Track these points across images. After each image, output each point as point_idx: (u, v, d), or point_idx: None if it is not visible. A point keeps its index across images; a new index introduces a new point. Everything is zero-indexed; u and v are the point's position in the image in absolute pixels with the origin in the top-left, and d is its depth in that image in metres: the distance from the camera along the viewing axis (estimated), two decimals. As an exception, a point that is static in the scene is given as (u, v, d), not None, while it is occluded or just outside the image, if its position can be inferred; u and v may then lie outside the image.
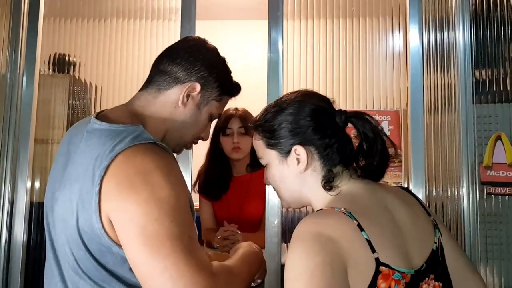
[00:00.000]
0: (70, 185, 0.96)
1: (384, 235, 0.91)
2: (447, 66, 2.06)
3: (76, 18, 2.29)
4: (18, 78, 2.19)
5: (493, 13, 1.99)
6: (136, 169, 0.91)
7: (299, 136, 1.00)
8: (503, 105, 1.94)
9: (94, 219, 0.91)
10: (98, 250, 0.93)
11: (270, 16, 2.14)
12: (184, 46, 1.14)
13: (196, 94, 1.10)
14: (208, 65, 1.12)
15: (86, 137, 1.01)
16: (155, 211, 0.87)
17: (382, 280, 0.85)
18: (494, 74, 1.96)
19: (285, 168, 1.03)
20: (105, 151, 0.93)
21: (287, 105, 1.03)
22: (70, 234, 0.95)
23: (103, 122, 1.01)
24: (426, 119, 2.03)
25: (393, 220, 0.95)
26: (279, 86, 2.08)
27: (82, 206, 0.92)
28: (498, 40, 1.97)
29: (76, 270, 0.95)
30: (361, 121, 1.00)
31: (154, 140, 0.97)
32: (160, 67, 1.11)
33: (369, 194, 0.99)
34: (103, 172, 0.91)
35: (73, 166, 0.99)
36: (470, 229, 1.92)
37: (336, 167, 1.00)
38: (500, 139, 1.91)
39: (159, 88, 1.10)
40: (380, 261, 0.86)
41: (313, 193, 1.01)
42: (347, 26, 2.17)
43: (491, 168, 1.92)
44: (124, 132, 0.97)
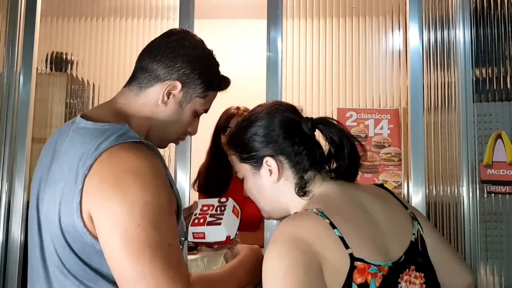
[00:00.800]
0: (54, 185, 0.96)
1: (359, 231, 0.93)
2: (447, 65, 2.06)
3: (74, 17, 2.28)
4: (15, 77, 2.17)
5: (493, 11, 1.98)
6: (122, 167, 0.90)
7: (268, 148, 1.04)
8: (503, 104, 1.93)
9: (75, 218, 0.90)
10: (81, 249, 0.92)
11: (269, 15, 2.13)
12: (166, 41, 1.11)
13: (177, 92, 1.08)
14: (190, 61, 1.09)
15: (70, 136, 1.00)
16: (139, 215, 0.86)
17: (358, 275, 0.88)
18: (494, 72, 1.96)
19: (259, 180, 1.06)
20: (90, 150, 0.92)
21: (255, 119, 1.07)
22: (54, 234, 0.94)
23: (88, 121, 1.00)
24: (426, 118, 2.03)
25: (368, 216, 0.98)
26: (278, 85, 2.07)
27: (64, 205, 0.92)
28: (498, 39, 1.97)
29: (62, 270, 0.94)
30: (326, 127, 1.03)
31: (139, 138, 0.96)
32: (142, 63, 1.09)
33: (341, 194, 1.02)
34: (86, 171, 0.90)
35: (57, 165, 0.98)
36: (470, 228, 1.91)
37: (307, 173, 1.03)
38: (501, 138, 1.91)
39: (140, 86, 1.08)
40: (354, 256, 0.88)
41: (289, 201, 1.04)
42: (347, 25, 2.16)
43: (491, 167, 1.91)
44: (109, 130, 0.96)
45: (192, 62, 1.09)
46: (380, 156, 2.02)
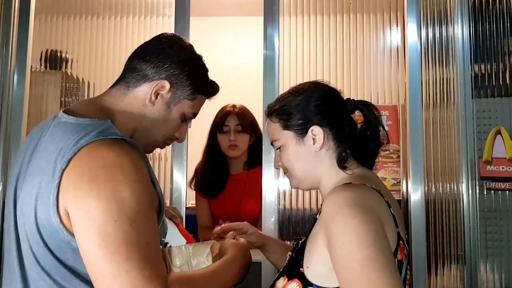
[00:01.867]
0: (32, 179, 0.93)
1: (399, 216, 1.01)
2: (446, 61, 2.05)
3: (68, 15, 2.26)
4: (9, 75, 2.15)
5: (492, 7, 1.97)
6: (100, 163, 0.88)
7: (314, 118, 1.08)
8: (502, 99, 1.92)
9: (51, 213, 0.87)
10: (57, 246, 0.89)
11: (265, 12, 2.12)
12: (156, 44, 1.11)
13: (165, 93, 1.07)
14: (179, 62, 1.08)
15: (51, 131, 0.97)
16: (115, 212, 0.84)
17: (399, 252, 0.95)
18: (493, 68, 1.94)
19: (301, 147, 1.09)
20: (69, 145, 0.90)
21: (302, 91, 1.12)
22: (30, 230, 0.92)
23: (70, 116, 0.97)
24: (424, 114, 2.02)
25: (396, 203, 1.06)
26: (275, 83, 2.07)
27: (40, 200, 0.89)
28: (496, 34, 1.95)
29: (36, 268, 0.91)
30: (367, 109, 1.11)
31: (121, 135, 0.94)
32: (131, 64, 1.09)
33: (379, 179, 1.11)
34: (64, 165, 0.88)
35: (35, 160, 0.96)
36: (470, 225, 1.90)
37: (347, 150, 1.09)
38: (500, 134, 1.89)
39: (128, 85, 1.06)
40: (400, 235, 0.97)
41: (324, 171, 1.09)
42: (344, 22, 2.15)
43: (491, 163, 1.90)
44: (90, 126, 0.94)
45: (181, 63, 1.09)
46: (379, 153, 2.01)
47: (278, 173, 2.01)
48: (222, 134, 2.19)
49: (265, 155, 2.01)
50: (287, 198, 2.04)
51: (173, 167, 2.05)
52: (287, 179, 1.98)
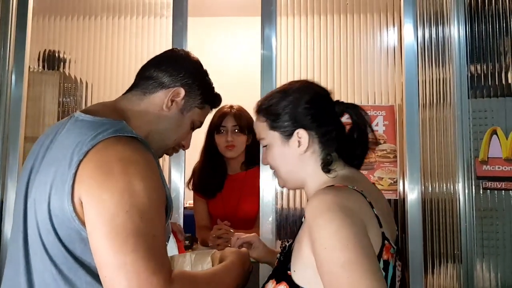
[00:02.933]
0: (47, 169, 0.96)
1: (384, 214, 1.01)
2: (442, 61, 2.06)
3: (66, 15, 2.26)
4: (7, 76, 2.15)
5: (488, 7, 1.98)
6: (116, 157, 0.91)
7: (301, 121, 1.08)
8: (498, 99, 1.93)
9: (65, 202, 0.90)
10: (67, 235, 0.92)
11: (263, 13, 2.12)
12: (170, 55, 1.21)
13: (180, 100, 1.14)
14: (192, 73, 1.17)
15: (68, 127, 1.01)
16: (127, 203, 0.87)
17: (385, 252, 0.95)
18: (489, 68, 1.96)
19: (286, 149, 1.10)
20: (86, 139, 0.93)
21: (292, 92, 1.11)
22: (41, 218, 0.94)
23: (87, 114, 1.02)
24: (421, 114, 2.03)
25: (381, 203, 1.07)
26: (273, 83, 2.07)
27: (55, 188, 0.92)
28: (492, 35, 1.96)
29: (43, 257, 0.93)
30: (356, 112, 1.11)
31: (136, 134, 0.99)
32: (145, 73, 1.15)
33: (363, 179, 1.10)
34: (82, 156, 0.91)
35: (51, 153, 0.99)
36: (466, 224, 1.91)
37: (333, 153, 1.08)
38: (496, 134, 1.90)
39: (145, 92, 1.13)
40: (385, 235, 0.96)
41: (309, 174, 1.09)
42: (341, 22, 2.16)
43: (487, 163, 1.91)
44: (107, 124, 0.98)
45: (193, 74, 1.17)
46: (376, 153, 2.02)
47: (276, 173, 2.02)
48: (219, 135, 2.19)
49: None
50: (285, 198, 2.05)
51: (171, 167, 2.05)
52: (284, 179, 2.02)
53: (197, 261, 1.20)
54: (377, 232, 0.95)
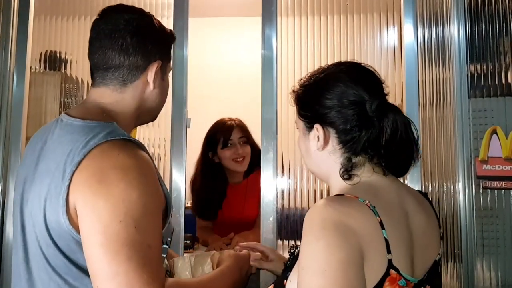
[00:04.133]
0: (40, 182, 0.94)
1: (400, 238, 0.88)
2: (442, 61, 2.06)
3: (67, 15, 2.26)
4: (9, 76, 2.16)
5: (488, 7, 1.98)
6: (110, 163, 0.89)
7: (321, 115, 0.97)
8: (498, 99, 1.94)
9: (60, 215, 0.89)
10: (67, 246, 0.91)
11: (263, 13, 2.13)
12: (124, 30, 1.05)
13: (158, 70, 1.10)
14: (155, 38, 1.09)
15: (58, 133, 0.99)
16: (122, 212, 0.85)
17: (388, 283, 0.83)
18: (489, 68, 1.96)
19: (306, 141, 1.01)
20: (78, 147, 0.91)
21: (319, 80, 1.00)
22: (39, 231, 0.93)
23: (76, 118, 0.99)
24: (421, 114, 2.03)
25: (408, 223, 0.92)
26: (273, 83, 2.07)
27: (49, 201, 0.91)
28: (492, 34, 1.97)
29: (46, 269, 0.92)
30: (393, 113, 0.94)
31: (128, 136, 0.96)
32: (113, 62, 1.05)
33: (392, 191, 0.95)
34: (74, 167, 0.89)
35: (44, 163, 0.97)
36: (466, 223, 1.91)
37: (357, 156, 0.95)
38: (496, 133, 1.91)
39: (125, 83, 1.06)
40: (392, 264, 0.84)
41: (331, 173, 0.98)
42: (341, 22, 2.16)
43: (487, 162, 1.92)
44: (97, 127, 0.95)
45: (155, 37, 1.10)
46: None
47: (277, 173, 2.02)
48: (225, 149, 2.17)
49: (264, 154, 2.02)
50: (285, 198, 2.05)
51: (172, 167, 2.06)
52: (286, 179, 2.03)
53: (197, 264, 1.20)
54: (380, 258, 0.83)
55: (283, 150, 2.05)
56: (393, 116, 0.94)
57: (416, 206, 0.96)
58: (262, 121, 2.04)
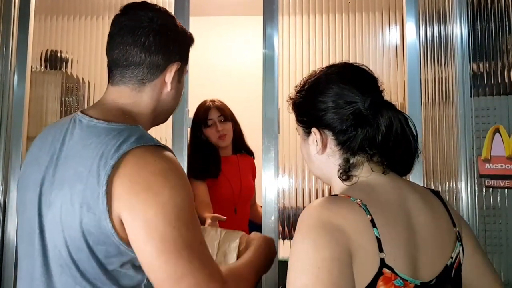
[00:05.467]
0: (70, 187, 0.92)
1: (396, 237, 0.86)
2: (444, 60, 2.06)
3: (68, 15, 2.26)
4: (10, 75, 2.16)
5: (490, 6, 1.98)
6: (150, 170, 0.90)
7: (317, 118, 0.97)
8: (500, 98, 1.94)
9: (103, 219, 0.89)
10: (105, 250, 0.91)
11: (265, 12, 2.12)
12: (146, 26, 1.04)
13: (176, 71, 1.08)
14: (176, 38, 1.08)
15: (80, 135, 0.97)
16: (173, 218, 0.88)
17: (382, 283, 0.82)
18: (491, 66, 1.96)
19: (307, 146, 1.01)
20: (110, 150, 0.91)
21: (313, 84, 1.00)
22: (71, 236, 0.92)
23: (100, 119, 0.98)
24: (423, 113, 2.03)
25: (410, 223, 0.90)
26: (275, 82, 2.07)
27: (87, 207, 0.90)
28: (495, 33, 1.97)
29: (73, 273, 0.92)
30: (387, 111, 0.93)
31: (159, 142, 0.96)
32: (134, 59, 1.03)
33: (391, 190, 0.93)
34: (109, 171, 0.89)
35: (67, 166, 0.94)
36: (469, 222, 1.91)
37: (355, 156, 0.94)
38: (498, 132, 1.91)
39: (143, 81, 1.05)
40: (385, 262, 0.83)
41: (332, 176, 0.97)
42: (343, 21, 2.16)
43: (489, 161, 1.91)
44: (125, 131, 0.95)
45: (177, 38, 1.09)
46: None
47: (278, 172, 2.02)
48: (208, 128, 2.28)
49: (265, 153, 2.02)
50: (287, 197, 2.05)
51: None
52: (287, 178, 2.03)
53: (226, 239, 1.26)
54: (371, 257, 0.82)
55: (284, 150, 2.05)
56: (387, 112, 0.93)
57: (421, 205, 0.94)
58: (264, 120, 2.04)
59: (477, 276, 0.98)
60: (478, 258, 1.00)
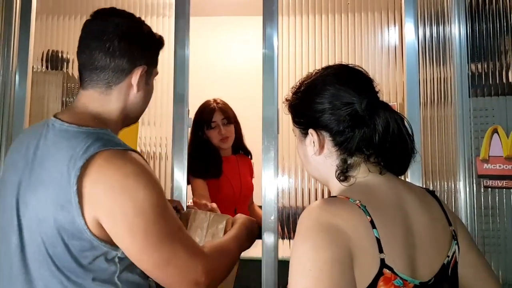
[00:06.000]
0: (45, 188, 0.99)
1: (395, 237, 0.87)
2: (443, 60, 2.06)
3: (69, 15, 2.27)
4: (11, 76, 2.17)
5: (488, 7, 1.99)
6: (122, 173, 0.97)
7: (314, 119, 0.98)
8: (499, 98, 1.94)
9: (76, 216, 0.95)
10: (78, 245, 0.98)
11: (264, 12, 2.13)
12: (112, 32, 1.09)
13: (143, 74, 1.13)
14: (142, 43, 1.13)
15: (53, 140, 1.03)
16: (151, 214, 0.97)
17: (382, 283, 0.83)
18: (490, 67, 1.97)
19: (304, 147, 1.02)
20: (78, 153, 0.97)
21: (309, 86, 1.01)
22: (46, 233, 0.98)
23: (71, 123, 1.03)
24: (422, 113, 2.03)
25: (407, 223, 0.91)
26: (274, 82, 2.07)
27: (60, 206, 0.96)
28: (493, 33, 1.97)
29: (50, 267, 0.99)
30: (384, 111, 0.94)
31: (125, 146, 1.03)
32: (99, 63, 1.08)
33: (388, 190, 0.94)
34: (78, 172, 0.95)
35: (44, 169, 1.01)
36: (467, 222, 1.91)
37: (352, 157, 0.95)
38: (497, 132, 1.91)
39: (110, 85, 1.10)
40: (385, 263, 0.84)
41: (329, 177, 0.98)
42: (342, 21, 2.16)
43: (487, 161, 1.92)
44: (93, 134, 1.01)
45: (143, 43, 1.13)
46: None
47: (278, 172, 2.03)
48: (211, 130, 2.32)
49: (265, 153, 2.03)
50: (286, 197, 2.06)
51: (174, 166, 2.06)
52: (287, 178, 2.04)
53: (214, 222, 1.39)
54: (372, 258, 0.83)
55: (284, 150, 2.05)
56: (384, 113, 0.94)
57: (418, 205, 0.95)
58: (263, 120, 2.04)
59: (472, 273, 1.00)
60: (472, 255, 1.02)
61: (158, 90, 2.16)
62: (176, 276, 1.00)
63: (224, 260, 1.12)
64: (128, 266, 1.03)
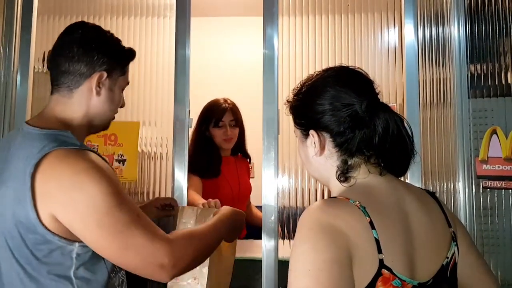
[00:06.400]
0: (7, 185, 1.06)
1: (394, 238, 0.88)
2: (442, 61, 2.07)
3: (70, 15, 2.28)
4: (12, 76, 2.18)
5: (488, 8, 1.99)
6: (74, 169, 1.02)
7: (314, 121, 0.99)
8: (498, 99, 1.95)
9: (30, 211, 1.01)
10: (33, 239, 1.03)
11: (265, 12, 2.13)
12: (73, 40, 1.19)
13: (105, 80, 1.20)
14: (103, 49, 1.20)
15: (19, 141, 1.11)
16: (104, 205, 1.01)
17: (381, 283, 0.84)
18: (489, 68, 1.97)
19: (305, 148, 1.03)
20: (34, 152, 1.04)
21: (310, 87, 1.02)
22: (6, 227, 1.06)
23: (35, 127, 1.12)
24: (421, 114, 2.03)
25: (407, 224, 0.92)
26: (275, 83, 2.08)
27: (17, 201, 1.03)
28: (493, 35, 1.98)
29: (10, 259, 1.05)
30: (384, 113, 0.95)
31: (80, 146, 1.09)
32: (61, 68, 1.18)
33: (388, 191, 0.95)
34: (32, 169, 1.02)
35: (8, 168, 1.09)
36: (467, 223, 1.92)
37: (352, 158, 0.96)
38: (496, 133, 1.92)
39: (70, 88, 1.18)
40: (384, 263, 0.84)
41: (330, 178, 0.99)
42: (342, 22, 2.17)
43: (486, 162, 1.93)
44: (52, 135, 1.09)
45: (104, 49, 1.20)
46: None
47: (278, 172, 2.03)
48: (217, 128, 2.32)
49: (265, 154, 2.04)
50: (287, 197, 2.06)
51: (174, 166, 2.07)
52: (287, 178, 2.05)
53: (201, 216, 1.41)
54: (371, 258, 0.84)
55: (284, 150, 2.06)
56: (384, 114, 0.95)
57: (418, 206, 0.96)
58: (264, 120, 2.05)
59: (471, 274, 1.01)
60: (472, 256, 1.02)
61: (159, 91, 2.17)
62: (139, 261, 1.02)
63: (195, 245, 1.12)
64: (86, 263, 1.08)
